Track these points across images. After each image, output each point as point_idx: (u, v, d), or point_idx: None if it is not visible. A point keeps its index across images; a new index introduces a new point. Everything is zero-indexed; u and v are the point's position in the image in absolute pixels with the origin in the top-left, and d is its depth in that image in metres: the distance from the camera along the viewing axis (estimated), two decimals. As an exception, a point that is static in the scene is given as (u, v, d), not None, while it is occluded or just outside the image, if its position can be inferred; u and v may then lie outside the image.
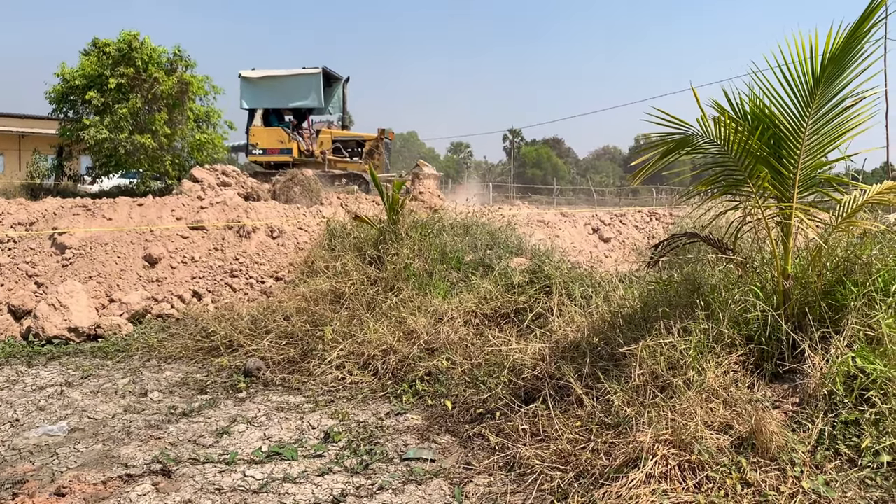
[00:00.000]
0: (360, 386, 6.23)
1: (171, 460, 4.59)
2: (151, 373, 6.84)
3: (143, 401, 5.98)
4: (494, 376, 5.52)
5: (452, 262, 9.01)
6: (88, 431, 5.26)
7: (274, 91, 17.76)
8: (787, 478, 3.61)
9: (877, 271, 4.71)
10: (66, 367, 7.02)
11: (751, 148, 4.81)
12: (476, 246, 10.10)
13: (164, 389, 6.29)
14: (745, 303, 4.93)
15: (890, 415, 3.82)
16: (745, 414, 4.10)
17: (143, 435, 5.15)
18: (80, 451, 4.87)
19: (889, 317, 4.35)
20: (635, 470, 3.74)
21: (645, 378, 4.54)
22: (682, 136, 4.99)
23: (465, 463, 4.55)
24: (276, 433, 5.15)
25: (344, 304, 7.59)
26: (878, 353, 4.18)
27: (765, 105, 4.81)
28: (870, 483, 3.57)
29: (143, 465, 4.58)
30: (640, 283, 6.82)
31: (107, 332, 8.21)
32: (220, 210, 10.89)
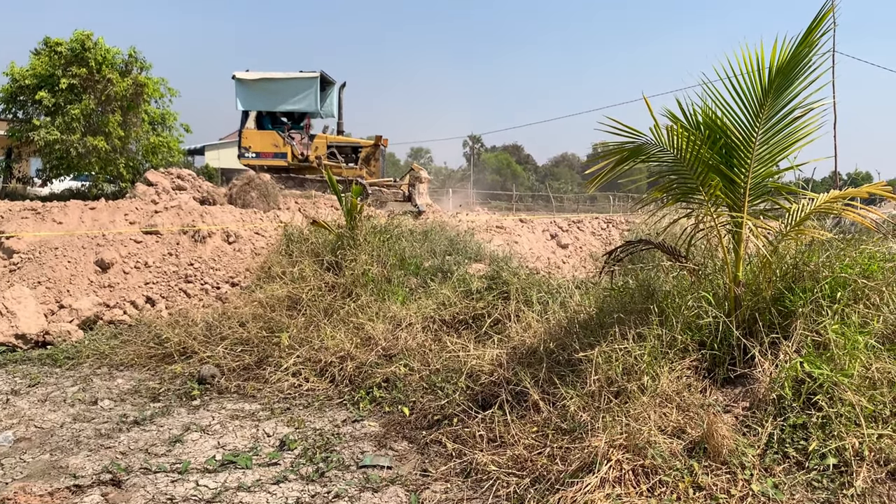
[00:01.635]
0: (316, 393, 6.18)
1: (122, 470, 4.49)
2: (102, 380, 6.68)
3: (94, 409, 5.84)
4: (452, 382, 5.52)
5: (411, 268, 9.00)
6: (35, 441, 5.12)
7: (269, 94, 17.52)
8: (738, 481, 3.69)
9: (823, 278, 4.84)
10: (13, 375, 6.81)
11: (703, 157, 4.91)
12: (435, 252, 10.12)
13: (116, 397, 6.15)
14: (697, 309, 5.02)
15: (836, 418, 3.92)
16: (698, 418, 4.17)
17: (93, 444, 5.03)
18: (26, 461, 4.74)
19: (835, 322, 4.47)
20: (590, 475, 3.78)
21: (600, 383, 4.59)
22: (636, 145, 5.06)
23: (421, 470, 4.54)
24: (230, 441, 5.08)
25: (301, 311, 7.52)
26: (824, 358, 4.29)
27: (716, 115, 4.92)
28: (816, 485, 3.66)
29: (92, 475, 4.47)
30: (596, 289, 6.90)
31: (56, 339, 7.99)
32: (175, 214, 10.71)
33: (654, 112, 4.92)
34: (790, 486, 3.66)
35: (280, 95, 17.52)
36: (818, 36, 4.51)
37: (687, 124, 4.98)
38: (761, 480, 3.69)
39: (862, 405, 3.91)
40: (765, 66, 4.63)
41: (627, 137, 5.03)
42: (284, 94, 17.51)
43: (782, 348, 4.47)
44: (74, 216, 10.35)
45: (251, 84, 17.69)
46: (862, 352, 4.23)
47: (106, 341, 7.86)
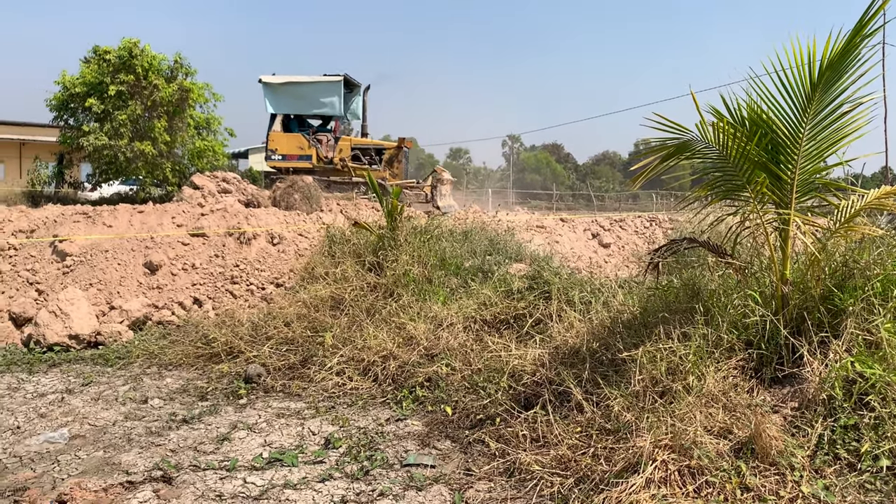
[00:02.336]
0: (360, 392, 6.24)
1: (172, 467, 4.60)
2: (152, 380, 6.85)
3: (144, 408, 5.99)
4: (494, 382, 5.53)
5: (451, 268, 9.02)
6: (89, 438, 5.27)
7: (294, 97, 17.72)
8: (787, 482, 3.62)
9: (875, 276, 4.72)
10: (67, 375, 7.02)
11: (749, 153, 4.83)
12: (475, 252, 10.12)
13: (165, 396, 6.30)
14: (744, 308, 4.94)
15: (889, 419, 3.83)
16: (745, 419, 4.11)
17: (144, 442, 5.16)
18: (80, 458, 4.88)
19: (888, 321, 4.36)
20: (635, 475, 3.75)
21: (645, 383, 4.56)
22: (680, 142, 5.01)
23: (465, 469, 4.56)
24: (276, 439, 5.16)
25: (344, 311, 7.60)
26: (876, 357, 4.19)
27: (762, 111, 4.83)
28: (869, 487, 3.58)
29: (143, 471, 4.58)
30: (640, 288, 6.83)
31: (107, 339, 8.21)
32: (221, 217, 10.91)
33: (700, 108, 4.86)
34: (842, 488, 3.58)
35: (305, 99, 17.68)
36: (871, 29, 4.40)
37: (732, 120, 4.91)
38: (811, 482, 3.63)
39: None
40: (815, 61, 4.54)
41: (672, 134, 4.97)
42: (309, 97, 17.66)
43: (832, 347, 4.38)
44: (124, 219, 10.61)
45: (277, 88, 17.88)
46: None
47: (155, 341, 8.04)
